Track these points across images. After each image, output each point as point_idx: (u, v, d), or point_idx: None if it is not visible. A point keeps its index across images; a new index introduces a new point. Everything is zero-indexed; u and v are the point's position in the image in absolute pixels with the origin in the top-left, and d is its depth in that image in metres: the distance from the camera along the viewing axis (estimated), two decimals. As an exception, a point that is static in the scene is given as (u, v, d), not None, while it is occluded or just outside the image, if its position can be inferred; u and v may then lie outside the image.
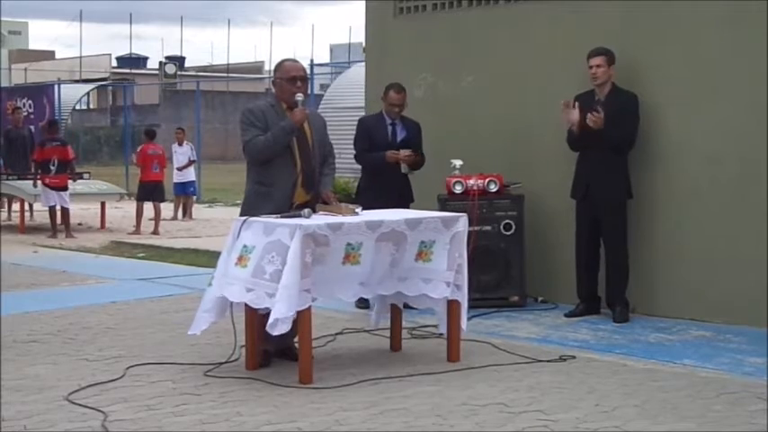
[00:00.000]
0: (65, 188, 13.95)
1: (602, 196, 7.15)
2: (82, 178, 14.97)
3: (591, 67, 7.17)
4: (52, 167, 13.87)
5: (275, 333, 5.22)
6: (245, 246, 5.44)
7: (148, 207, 14.89)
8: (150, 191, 14.93)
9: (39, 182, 14.02)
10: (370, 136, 7.64)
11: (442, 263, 5.81)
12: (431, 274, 5.82)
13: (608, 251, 7.28)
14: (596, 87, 7.21)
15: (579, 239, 7.37)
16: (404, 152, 7.53)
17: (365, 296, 6.11)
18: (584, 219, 7.32)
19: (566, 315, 7.30)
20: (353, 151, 7.75)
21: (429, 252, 5.79)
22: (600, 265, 7.34)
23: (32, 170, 14.47)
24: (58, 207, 13.90)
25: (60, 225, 13.92)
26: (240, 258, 5.44)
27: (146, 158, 15.01)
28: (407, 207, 7.34)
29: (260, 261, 5.32)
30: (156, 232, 14.48)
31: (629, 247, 7.28)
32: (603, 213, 7.20)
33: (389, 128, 7.66)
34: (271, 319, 5.19)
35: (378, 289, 5.81)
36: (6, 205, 16.07)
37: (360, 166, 7.93)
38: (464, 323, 5.92)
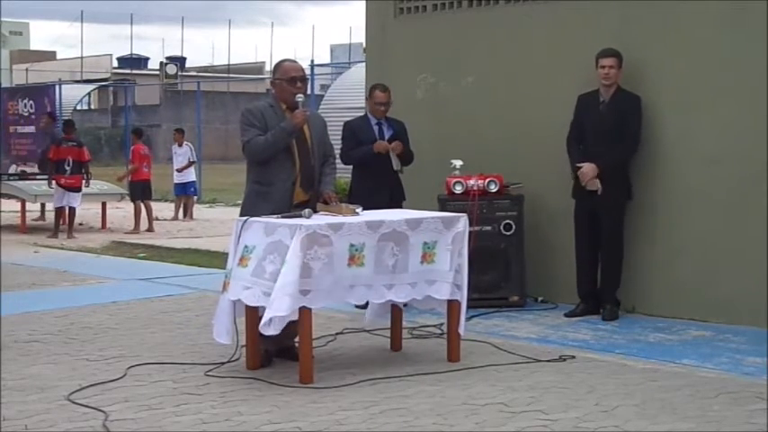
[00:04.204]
0: (78, 189, 14.00)
1: (604, 196, 7.15)
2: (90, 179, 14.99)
3: (603, 68, 7.14)
4: (67, 167, 13.90)
5: (268, 333, 5.23)
6: (246, 246, 5.46)
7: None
8: (143, 189, 15.08)
9: (53, 182, 14.00)
10: (357, 137, 7.63)
11: (444, 264, 5.80)
12: (435, 276, 5.80)
13: (605, 251, 7.28)
14: (603, 88, 7.20)
15: (579, 239, 7.38)
16: (393, 143, 7.54)
17: (374, 300, 5.81)
18: (583, 218, 7.33)
19: (566, 315, 7.31)
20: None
21: (432, 254, 5.78)
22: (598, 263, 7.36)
23: (47, 170, 14.47)
24: (66, 208, 13.92)
25: (63, 225, 13.94)
26: (242, 259, 5.46)
27: (141, 158, 15.17)
28: (400, 206, 7.35)
29: (261, 261, 5.33)
30: (150, 229, 14.58)
31: (629, 246, 7.30)
32: (604, 213, 7.21)
33: (376, 127, 7.66)
34: (264, 318, 5.19)
35: (388, 294, 5.66)
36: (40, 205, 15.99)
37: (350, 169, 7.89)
38: (462, 326, 5.90)
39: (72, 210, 14.04)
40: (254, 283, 5.33)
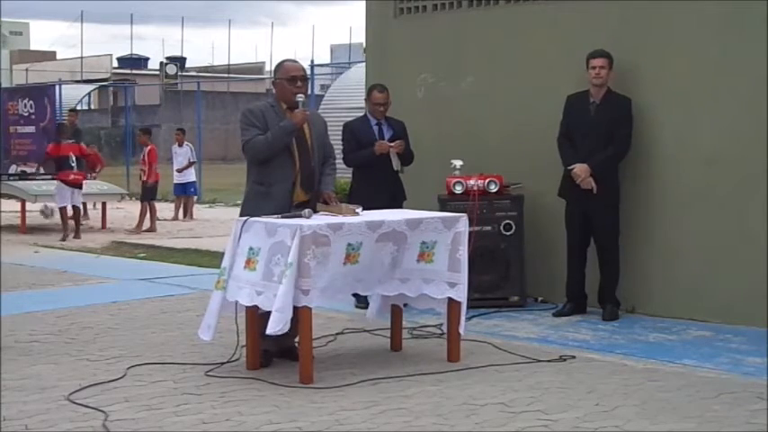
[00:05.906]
0: (80, 186, 13.88)
1: (598, 198, 7.14)
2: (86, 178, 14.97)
3: (594, 68, 7.15)
4: (73, 164, 13.77)
5: (274, 334, 5.23)
6: (250, 248, 5.46)
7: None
8: (153, 190, 15.05)
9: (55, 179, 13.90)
10: (357, 138, 7.62)
11: (443, 264, 5.82)
12: (432, 275, 5.83)
13: (602, 250, 7.28)
14: (593, 89, 7.20)
15: (572, 239, 7.37)
16: (395, 142, 7.54)
17: (362, 293, 6.11)
18: (574, 219, 7.32)
19: (554, 314, 7.31)
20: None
21: (431, 253, 5.79)
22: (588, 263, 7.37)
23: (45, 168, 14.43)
24: (69, 207, 13.81)
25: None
26: (248, 261, 5.46)
27: (154, 158, 15.16)
28: (400, 206, 7.35)
29: (268, 263, 5.34)
30: (152, 229, 14.58)
31: (629, 247, 7.30)
32: (596, 213, 7.20)
33: (375, 128, 7.65)
34: (271, 321, 5.20)
35: (377, 288, 5.83)
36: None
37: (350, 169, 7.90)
38: (462, 326, 5.91)
39: (76, 208, 13.93)
40: (266, 287, 5.33)
